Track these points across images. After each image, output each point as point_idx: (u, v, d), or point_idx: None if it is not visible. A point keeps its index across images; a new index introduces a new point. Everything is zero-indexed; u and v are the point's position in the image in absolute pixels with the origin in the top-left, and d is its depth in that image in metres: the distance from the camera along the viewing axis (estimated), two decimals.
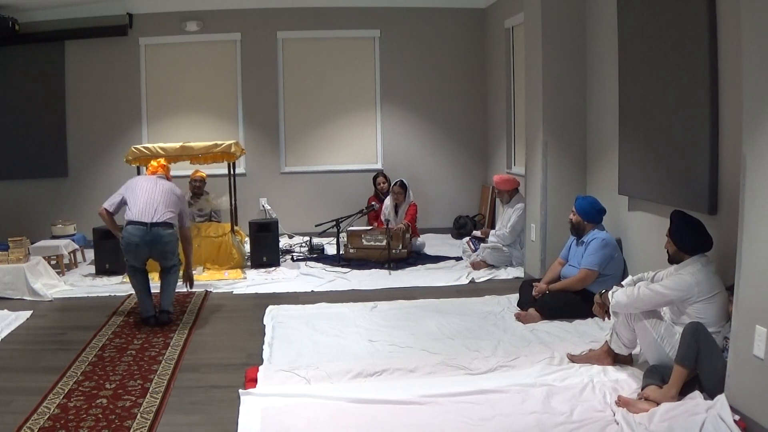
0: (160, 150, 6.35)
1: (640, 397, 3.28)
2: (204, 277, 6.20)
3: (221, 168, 7.50)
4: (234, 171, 7.11)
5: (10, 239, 5.81)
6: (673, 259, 3.63)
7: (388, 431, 3.10)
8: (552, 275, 4.98)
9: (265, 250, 6.72)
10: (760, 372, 2.91)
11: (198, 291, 5.81)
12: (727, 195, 3.75)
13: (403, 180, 7.39)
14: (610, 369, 3.72)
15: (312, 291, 5.85)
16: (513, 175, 6.97)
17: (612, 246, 4.78)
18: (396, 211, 7.32)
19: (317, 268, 6.67)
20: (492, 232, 6.79)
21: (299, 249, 7.54)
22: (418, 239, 7.29)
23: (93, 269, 6.57)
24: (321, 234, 7.45)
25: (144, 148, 6.42)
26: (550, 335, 4.41)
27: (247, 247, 7.00)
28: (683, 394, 3.22)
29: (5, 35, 7.58)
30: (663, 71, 4.31)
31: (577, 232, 4.88)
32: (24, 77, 8.11)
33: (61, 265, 6.53)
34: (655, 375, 3.37)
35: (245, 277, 6.30)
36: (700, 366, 3.23)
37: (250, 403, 3.37)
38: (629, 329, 3.60)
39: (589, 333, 4.42)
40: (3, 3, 7.36)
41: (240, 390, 3.51)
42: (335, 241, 7.01)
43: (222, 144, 6.61)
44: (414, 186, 7.88)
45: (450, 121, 8.82)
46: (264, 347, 4.27)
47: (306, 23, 8.51)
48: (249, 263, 6.75)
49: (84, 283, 6.16)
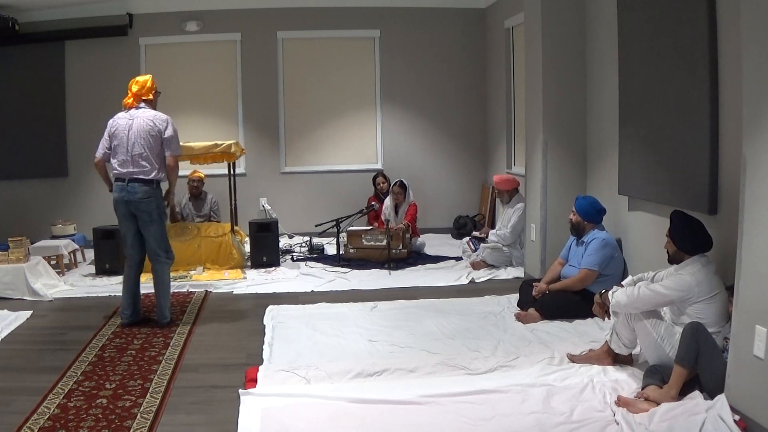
0: None
1: (639, 397, 3.28)
2: (204, 277, 6.21)
3: (221, 168, 7.51)
4: (234, 171, 7.12)
5: (10, 239, 5.81)
6: (673, 259, 3.63)
7: (388, 431, 3.10)
8: (552, 275, 4.98)
9: (265, 250, 6.72)
10: (760, 372, 2.91)
11: (198, 291, 5.82)
12: (727, 195, 3.75)
13: (403, 180, 7.39)
14: (610, 369, 3.72)
15: (312, 291, 5.85)
16: (513, 175, 6.97)
17: (612, 246, 4.78)
18: (396, 211, 7.32)
19: (317, 268, 6.67)
20: (492, 232, 6.79)
21: (299, 249, 7.53)
22: (418, 239, 7.29)
23: (93, 269, 6.57)
24: (321, 234, 7.45)
25: None
26: (550, 335, 4.41)
27: (247, 247, 7.00)
28: (683, 394, 3.22)
29: (5, 35, 7.58)
30: (663, 71, 4.31)
31: (577, 232, 4.88)
32: (24, 77, 8.11)
33: (61, 265, 6.53)
34: (655, 375, 3.37)
35: (245, 277, 6.29)
36: (700, 366, 3.23)
37: (250, 403, 3.37)
38: (629, 329, 3.60)
39: (589, 333, 4.42)
40: (3, 3, 7.36)
41: (240, 390, 3.51)
42: (335, 241, 7.01)
43: (222, 144, 6.61)
44: (414, 186, 7.87)
45: (450, 121, 8.82)
46: (264, 347, 4.27)
47: (306, 23, 8.51)
48: (249, 263, 6.75)
49: (84, 283, 6.16)
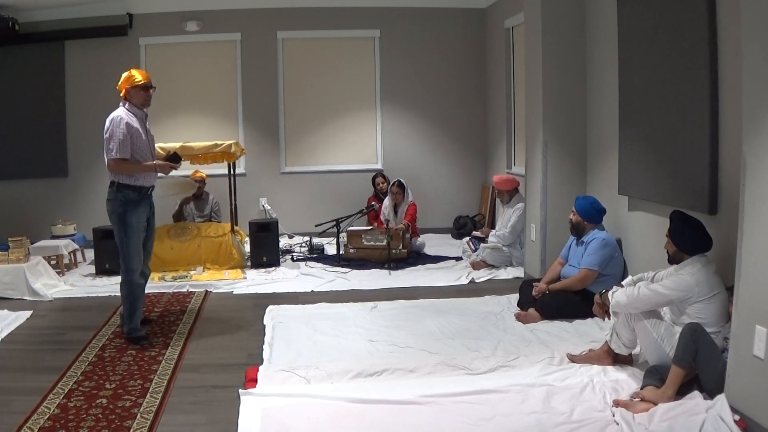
0: (160, 150, 6.33)
1: (636, 397, 3.28)
2: (204, 277, 6.21)
3: (221, 168, 7.51)
4: (234, 171, 7.13)
5: (10, 239, 5.82)
6: (673, 259, 3.63)
7: (388, 431, 3.10)
8: (552, 275, 4.98)
9: (265, 250, 6.72)
10: (760, 372, 2.91)
11: (198, 291, 5.82)
12: (727, 195, 3.75)
13: (401, 180, 7.38)
14: (610, 369, 3.72)
15: (312, 291, 5.85)
16: (513, 175, 6.97)
17: (612, 246, 4.77)
18: (395, 211, 7.32)
19: (317, 268, 6.66)
20: (492, 232, 6.79)
21: (299, 249, 7.53)
22: (418, 239, 7.29)
23: (93, 269, 6.57)
24: (321, 234, 7.45)
25: None
26: (550, 335, 4.41)
27: (247, 247, 7.00)
28: (683, 394, 3.22)
29: (5, 35, 7.58)
30: (663, 71, 4.31)
31: (577, 232, 4.88)
32: (24, 77, 8.11)
33: (61, 265, 6.53)
34: (655, 375, 3.37)
35: (245, 277, 6.29)
36: (699, 366, 3.23)
37: (250, 403, 3.37)
38: (629, 329, 3.60)
39: (589, 333, 4.42)
40: (3, 3, 7.36)
41: (240, 390, 3.51)
42: (335, 241, 7.01)
43: (222, 144, 6.61)
44: (414, 186, 7.88)
45: (450, 121, 8.81)
46: (264, 347, 4.27)
47: (306, 23, 8.50)
48: (249, 263, 6.75)
49: (84, 283, 6.16)
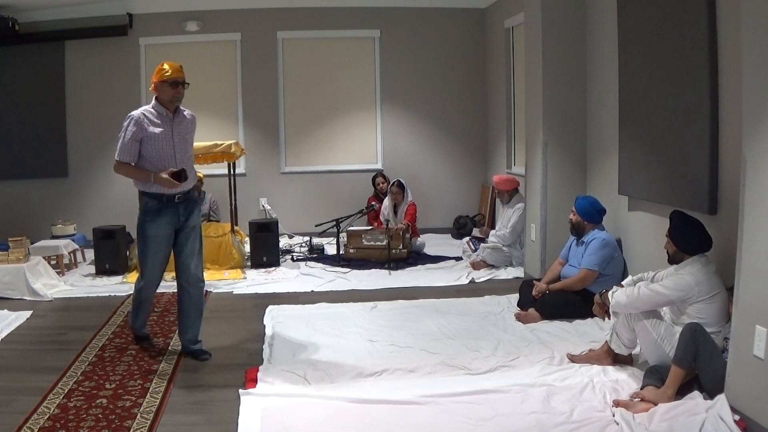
0: None
1: (636, 397, 3.28)
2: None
3: (221, 168, 7.51)
4: (234, 171, 7.12)
5: (10, 239, 5.81)
6: (673, 259, 3.63)
7: (388, 431, 3.10)
8: (552, 275, 4.98)
9: (265, 250, 6.72)
10: (760, 372, 2.91)
11: None
12: (727, 195, 3.75)
13: (401, 180, 7.38)
14: (610, 369, 3.72)
15: (312, 291, 5.85)
16: (513, 175, 6.97)
17: (612, 246, 4.77)
18: (395, 211, 7.32)
19: (317, 268, 6.66)
20: (492, 232, 6.79)
21: (299, 249, 7.53)
22: (418, 239, 7.28)
23: (93, 269, 6.57)
24: (321, 234, 7.45)
25: None
26: (550, 335, 4.41)
27: (247, 247, 7.00)
28: (683, 394, 3.22)
29: (5, 35, 7.58)
30: (663, 71, 4.31)
31: (577, 232, 4.88)
32: (24, 77, 8.10)
33: (61, 265, 6.53)
34: (655, 375, 3.37)
35: (245, 277, 6.29)
36: (699, 366, 3.23)
37: (250, 403, 3.37)
38: (629, 329, 3.60)
39: (589, 333, 4.42)
40: (3, 3, 7.36)
41: (240, 390, 3.51)
42: (335, 241, 7.01)
43: (222, 144, 6.60)
44: (414, 186, 7.87)
45: (450, 121, 8.81)
46: (264, 347, 4.27)
47: (306, 23, 8.50)
48: (249, 263, 6.75)
49: (84, 283, 6.16)
